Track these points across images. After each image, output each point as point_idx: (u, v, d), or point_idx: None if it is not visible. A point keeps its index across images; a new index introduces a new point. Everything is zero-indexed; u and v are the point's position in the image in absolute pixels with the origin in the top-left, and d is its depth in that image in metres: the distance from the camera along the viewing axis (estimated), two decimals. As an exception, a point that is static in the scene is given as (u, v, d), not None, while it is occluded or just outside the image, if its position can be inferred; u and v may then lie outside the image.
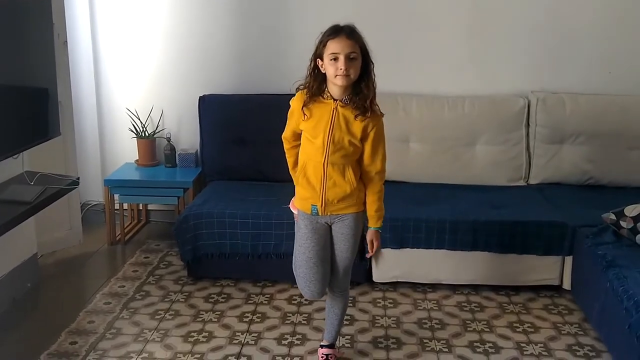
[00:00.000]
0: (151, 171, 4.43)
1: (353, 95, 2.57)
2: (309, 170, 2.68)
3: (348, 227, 2.73)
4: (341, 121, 2.59)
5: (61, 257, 4.14)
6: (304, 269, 2.75)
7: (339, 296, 2.87)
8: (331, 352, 2.97)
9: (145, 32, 4.43)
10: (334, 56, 2.50)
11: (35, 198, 3.27)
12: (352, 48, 2.50)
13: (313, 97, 2.60)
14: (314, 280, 2.75)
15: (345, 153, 2.62)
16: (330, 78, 2.55)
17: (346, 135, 2.59)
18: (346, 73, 2.49)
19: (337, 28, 2.54)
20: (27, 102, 3.49)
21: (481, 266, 3.62)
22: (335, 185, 2.65)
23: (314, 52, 2.58)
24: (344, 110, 2.59)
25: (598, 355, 3.08)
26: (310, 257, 2.73)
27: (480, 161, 4.12)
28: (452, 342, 3.19)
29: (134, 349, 3.09)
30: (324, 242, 2.75)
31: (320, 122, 2.60)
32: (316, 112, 2.61)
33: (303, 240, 2.74)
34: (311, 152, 2.65)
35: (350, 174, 2.65)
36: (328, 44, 2.52)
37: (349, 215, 2.72)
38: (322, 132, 2.60)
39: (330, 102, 2.59)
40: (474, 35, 4.28)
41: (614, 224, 3.29)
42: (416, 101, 4.15)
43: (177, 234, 3.72)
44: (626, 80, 4.22)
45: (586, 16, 4.19)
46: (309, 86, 2.60)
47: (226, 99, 4.32)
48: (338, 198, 2.67)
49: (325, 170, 2.63)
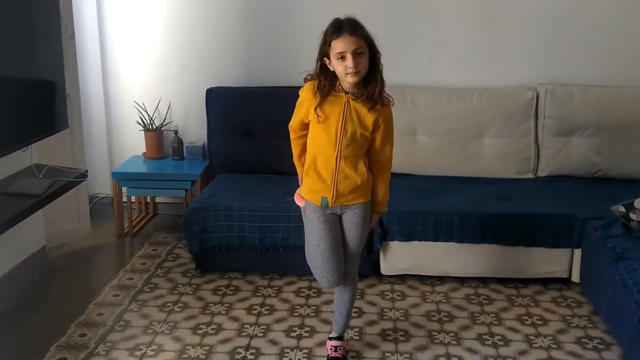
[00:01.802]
0: (159, 164, 4.43)
1: (363, 87, 2.57)
2: (320, 164, 2.67)
3: (358, 216, 2.74)
4: (353, 114, 2.59)
5: (69, 250, 4.15)
6: (320, 261, 2.76)
7: (348, 285, 2.87)
8: (340, 344, 2.97)
9: (153, 25, 4.42)
10: (341, 55, 2.48)
11: (44, 191, 3.28)
12: (358, 44, 2.48)
13: (326, 96, 2.59)
14: (331, 271, 2.76)
15: (357, 146, 2.62)
16: (340, 76, 2.54)
17: (358, 128, 2.59)
18: (356, 70, 2.48)
19: (339, 25, 2.51)
20: (35, 95, 3.49)
21: (489, 259, 3.61)
22: (347, 178, 2.65)
23: (319, 52, 2.56)
24: (355, 103, 2.58)
25: (607, 348, 3.08)
26: (325, 248, 2.73)
27: (489, 153, 4.10)
28: (460, 334, 3.19)
29: (143, 341, 3.10)
30: (335, 232, 2.75)
31: (333, 115, 2.60)
32: (328, 109, 2.60)
33: (316, 232, 2.74)
34: (322, 145, 2.65)
35: (362, 167, 2.65)
36: (333, 43, 2.50)
37: (359, 205, 2.72)
38: (335, 125, 2.60)
39: (342, 95, 2.59)
40: (482, 27, 4.25)
41: (624, 216, 3.28)
42: (424, 93, 4.14)
43: (185, 227, 3.72)
44: (635, 72, 4.19)
45: (595, 8, 4.16)
46: (320, 86, 2.58)
47: (233, 92, 4.31)
48: (349, 190, 2.67)
49: (338, 163, 2.63)
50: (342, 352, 2.97)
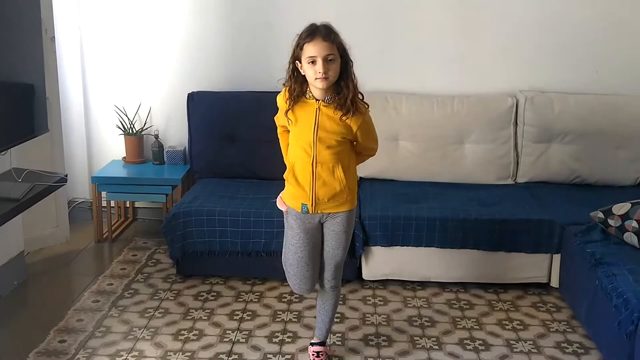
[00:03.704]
0: (139, 168, 4.40)
1: (335, 94, 2.57)
2: (297, 170, 2.67)
3: (340, 225, 2.74)
4: (325, 121, 2.58)
5: (48, 255, 4.10)
6: (295, 268, 2.77)
7: (330, 292, 2.87)
8: (322, 349, 2.97)
9: (134, 28, 4.40)
10: (312, 59, 2.49)
11: (23, 195, 3.24)
12: (330, 50, 2.48)
13: (296, 100, 2.60)
14: (304, 278, 2.78)
15: (334, 151, 2.62)
16: (310, 80, 2.55)
17: (332, 134, 2.59)
18: (325, 76, 2.49)
19: (313, 29, 2.52)
20: (15, 99, 3.45)
21: (470, 264, 3.63)
22: (325, 185, 2.65)
23: (291, 55, 2.57)
24: (327, 109, 2.58)
25: (587, 352, 3.11)
26: (302, 256, 2.74)
27: (469, 159, 4.14)
28: (442, 339, 3.20)
29: (124, 347, 3.07)
30: (314, 240, 2.75)
31: (305, 121, 2.60)
32: (300, 114, 2.61)
33: (295, 240, 2.74)
34: (298, 151, 2.65)
35: (339, 172, 2.64)
36: (305, 47, 2.51)
37: (341, 213, 2.72)
38: (308, 132, 2.60)
39: (313, 102, 2.59)
40: (463, 34, 4.29)
41: (602, 222, 3.32)
42: (406, 100, 4.16)
43: (166, 232, 3.70)
44: (613, 80, 4.25)
45: (574, 17, 4.21)
46: (291, 89, 2.59)
47: (215, 96, 4.30)
48: (328, 197, 2.67)
49: (314, 169, 2.63)
50: (325, 358, 2.96)
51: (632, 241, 3.17)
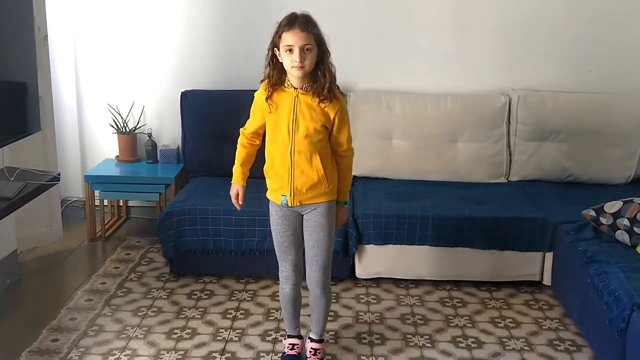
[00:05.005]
0: (132, 167, 4.39)
1: (312, 82, 2.60)
2: (277, 161, 2.70)
3: (320, 215, 2.74)
4: (304, 108, 2.62)
5: (41, 254, 4.09)
6: (278, 251, 2.84)
7: (320, 293, 2.85)
8: (319, 346, 2.97)
9: (127, 27, 4.39)
10: (289, 48, 2.53)
11: (15, 194, 3.22)
12: (307, 40, 2.52)
13: (275, 87, 2.64)
14: (289, 261, 2.82)
15: (311, 140, 2.64)
16: (287, 68, 2.59)
17: (310, 122, 2.62)
18: (301, 65, 2.53)
19: (292, 19, 2.56)
20: (7, 97, 3.43)
21: (463, 262, 3.64)
22: (303, 174, 2.67)
23: (270, 42, 2.61)
24: (305, 97, 2.62)
25: (579, 349, 3.12)
26: (282, 241, 2.79)
27: (462, 158, 4.15)
28: (435, 337, 3.21)
29: (117, 346, 3.07)
30: (294, 227, 2.79)
31: (284, 110, 2.64)
32: (279, 102, 2.65)
33: (274, 226, 2.80)
34: (278, 141, 2.67)
35: (317, 161, 2.66)
36: (283, 35, 2.55)
37: (320, 204, 2.73)
38: (286, 120, 2.63)
39: (292, 91, 2.63)
40: (456, 33, 4.30)
41: (594, 220, 3.33)
42: (399, 98, 4.17)
43: (159, 230, 3.70)
44: (606, 79, 4.28)
45: (567, 16, 4.23)
46: (269, 76, 2.64)
47: (208, 95, 4.30)
48: (306, 187, 2.69)
49: (293, 158, 2.65)
50: (322, 355, 2.96)
51: (623, 239, 3.19)
